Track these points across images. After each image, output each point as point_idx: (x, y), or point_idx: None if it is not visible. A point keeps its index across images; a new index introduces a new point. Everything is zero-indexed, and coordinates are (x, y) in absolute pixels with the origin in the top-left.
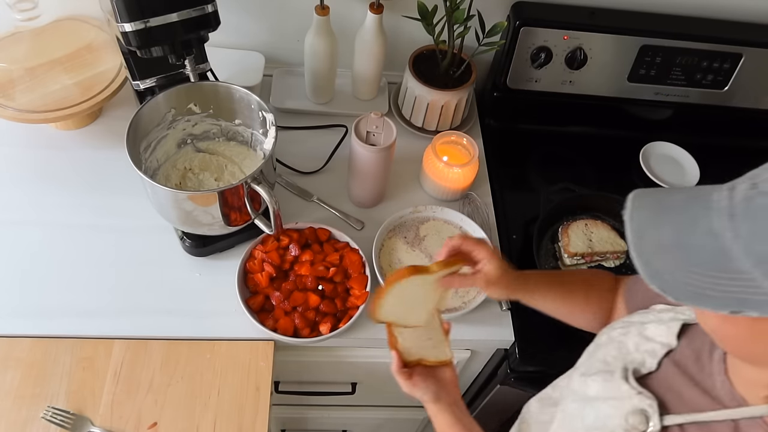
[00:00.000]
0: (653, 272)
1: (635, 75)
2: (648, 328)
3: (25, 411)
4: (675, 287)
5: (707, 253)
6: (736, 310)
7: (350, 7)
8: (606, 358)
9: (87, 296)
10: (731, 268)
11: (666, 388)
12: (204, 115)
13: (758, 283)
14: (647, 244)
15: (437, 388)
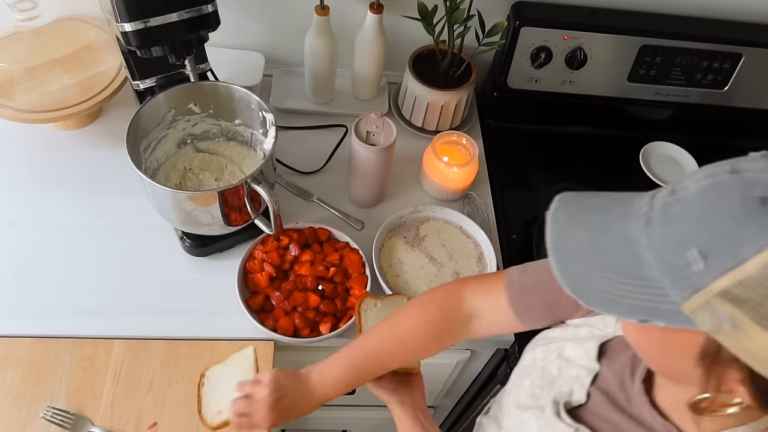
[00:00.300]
0: (568, 275)
1: (635, 75)
2: (566, 348)
3: (25, 411)
4: (588, 292)
5: (621, 259)
6: (645, 319)
7: (350, 7)
8: (533, 390)
9: (87, 296)
10: (642, 275)
11: (601, 420)
12: (204, 115)
13: (666, 292)
14: (565, 246)
15: (402, 394)
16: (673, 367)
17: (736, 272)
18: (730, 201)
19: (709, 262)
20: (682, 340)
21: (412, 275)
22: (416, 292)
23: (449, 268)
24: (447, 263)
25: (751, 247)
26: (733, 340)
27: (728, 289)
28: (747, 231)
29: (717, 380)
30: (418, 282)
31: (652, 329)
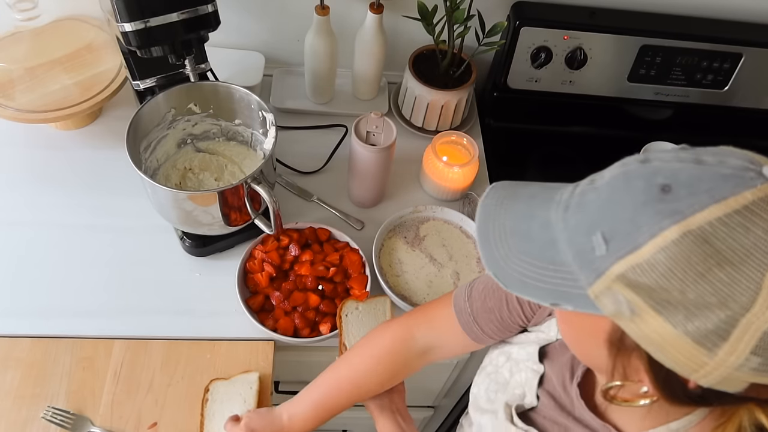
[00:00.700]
0: (491, 257)
1: (635, 75)
2: (513, 352)
3: (25, 411)
4: (507, 274)
5: (539, 243)
6: (555, 303)
7: (350, 7)
8: (489, 395)
9: (87, 296)
10: (556, 259)
11: (551, 422)
12: (204, 115)
13: (576, 277)
14: (490, 229)
15: (381, 397)
16: (590, 355)
17: (632, 257)
18: (634, 188)
19: (610, 246)
20: (592, 326)
21: (412, 275)
22: (416, 292)
23: (449, 268)
24: (447, 263)
25: (647, 232)
26: (632, 325)
27: (625, 274)
28: (645, 217)
29: (623, 368)
30: (418, 282)
31: (571, 316)
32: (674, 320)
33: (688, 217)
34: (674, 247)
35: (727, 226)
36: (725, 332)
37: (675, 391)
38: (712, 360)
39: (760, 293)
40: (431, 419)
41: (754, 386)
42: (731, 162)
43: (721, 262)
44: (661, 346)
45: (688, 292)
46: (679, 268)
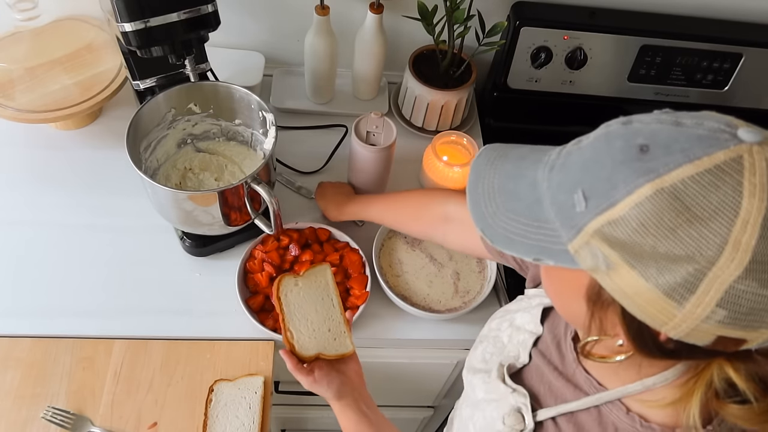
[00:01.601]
0: (479, 214)
1: (635, 75)
2: (516, 318)
3: (25, 411)
4: (494, 230)
5: (525, 201)
6: (538, 258)
7: (350, 7)
8: (485, 356)
9: (87, 296)
10: (541, 217)
11: (538, 381)
12: (204, 115)
13: (558, 233)
14: (480, 187)
15: (340, 384)
16: (571, 310)
17: (609, 213)
18: (614, 147)
19: (589, 203)
20: (572, 280)
21: (412, 275)
22: (416, 292)
23: (449, 268)
24: (447, 263)
25: (623, 190)
26: (609, 279)
27: (602, 229)
28: (622, 174)
29: (600, 321)
30: (418, 282)
31: (552, 272)
32: (646, 274)
33: (663, 175)
34: (648, 204)
35: (699, 184)
36: (693, 285)
37: (647, 344)
38: (680, 312)
39: (725, 248)
40: (431, 419)
41: (720, 339)
42: (708, 124)
43: (691, 218)
44: (634, 299)
45: (659, 247)
46: (651, 224)
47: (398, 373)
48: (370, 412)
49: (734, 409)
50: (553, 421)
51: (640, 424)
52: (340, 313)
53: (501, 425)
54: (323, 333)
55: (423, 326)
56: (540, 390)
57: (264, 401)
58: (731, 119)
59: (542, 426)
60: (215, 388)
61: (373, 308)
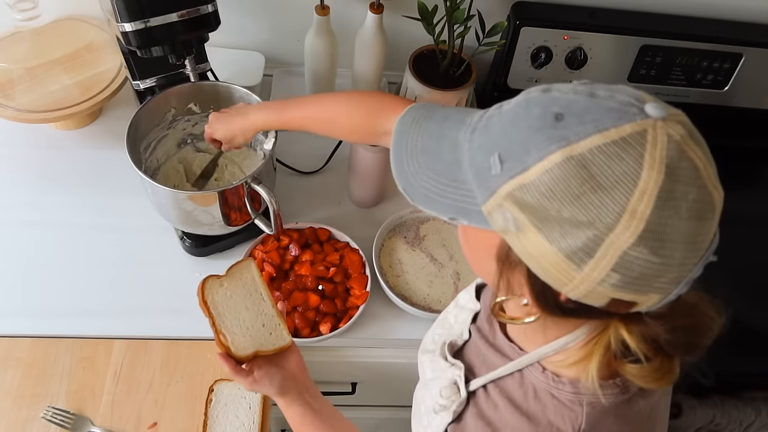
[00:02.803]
0: (401, 172)
1: (635, 75)
2: (460, 297)
3: (25, 411)
4: (414, 189)
5: (445, 161)
6: (454, 217)
7: (350, 7)
8: (434, 337)
9: (87, 296)
10: (459, 177)
11: (475, 354)
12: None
13: (474, 194)
14: (404, 145)
15: (281, 379)
16: (484, 269)
17: (521, 177)
18: (531, 114)
19: (504, 166)
20: (485, 240)
21: (412, 275)
22: (416, 292)
23: (450, 268)
24: (447, 263)
25: (536, 155)
26: (517, 240)
27: (513, 192)
28: (536, 140)
29: (508, 280)
30: (418, 283)
31: (468, 232)
32: (551, 237)
33: (573, 143)
34: (557, 170)
35: (605, 153)
36: (591, 250)
37: (549, 303)
38: (579, 275)
39: (622, 216)
40: None
41: (614, 301)
42: (619, 97)
43: (595, 186)
44: (538, 260)
45: (563, 212)
46: (559, 190)
47: (398, 373)
48: (315, 403)
49: (630, 368)
50: (483, 389)
51: (552, 380)
52: (271, 306)
53: (440, 399)
54: (258, 329)
55: (423, 326)
56: (476, 363)
57: (264, 401)
58: (642, 94)
59: (475, 395)
60: (215, 388)
61: (373, 308)
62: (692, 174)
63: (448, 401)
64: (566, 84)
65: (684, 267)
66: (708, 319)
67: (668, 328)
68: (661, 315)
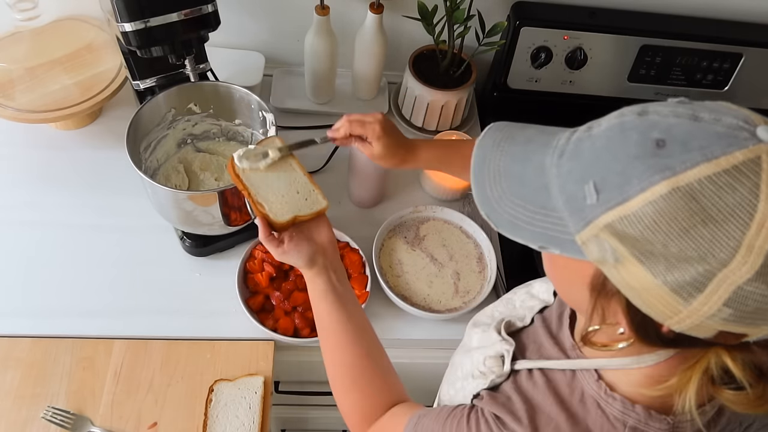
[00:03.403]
0: (484, 197)
1: (635, 75)
2: (534, 286)
3: (25, 411)
4: (499, 215)
5: (532, 187)
6: (544, 246)
7: (350, 7)
8: (494, 313)
9: (87, 296)
10: (548, 204)
11: (531, 340)
12: (204, 115)
13: (565, 222)
14: (486, 170)
15: (311, 251)
16: (573, 296)
17: (621, 208)
18: (629, 140)
19: (601, 196)
20: (577, 270)
21: (412, 276)
22: (417, 292)
23: (450, 268)
24: (448, 263)
25: (638, 186)
26: (615, 272)
27: (613, 224)
28: (637, 170)
29: (603, 311)
30: (418, 283)
31: (557, 259)
32: (655, 270)
33: (679, 173)
34: (662, 202)
35: (715, 184)
36: (701, 285)
37: (649, 334)
38: (686, 309)
39: (738, 251)
40: None
41: (722, 333)
42: (726, 120)
43: (705, 219)
44: (639, 293)
45: (670, 246)
46: (664, 222)
47: (398, 373)
48: (339, 286)
49: (729, 395)
50: (528, 372)
51: (605, 391)
52: (302, 174)
53: (482, 366)
54: (293, 196)
55: (423, 326)
56: (530, 346)
57: (264, 401)
58: (749, 115)
59: (518, 374)
60: (215, 388)
61: (373, 308)
62: None
63: (489, 371)
64: (663, 104)
65: None
66: None
67: None
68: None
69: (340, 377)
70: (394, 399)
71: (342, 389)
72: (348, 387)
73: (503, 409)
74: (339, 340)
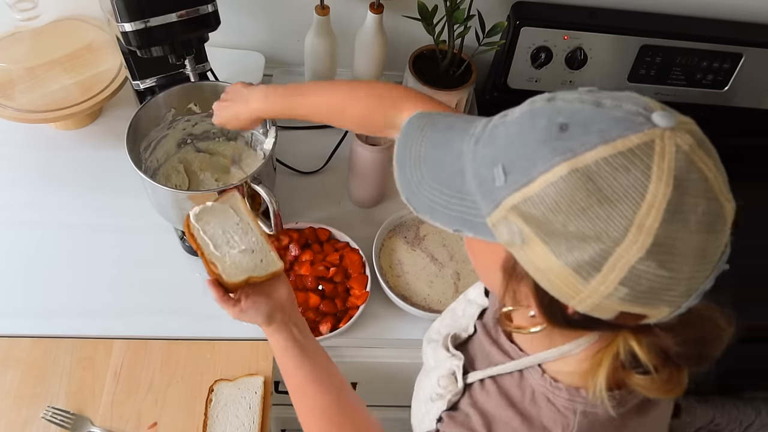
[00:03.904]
0: (405, 181)
1: (635, 75)
2: (469, 292)
3: (25, 411)
4: (418, 199)
5: (449, 172)
6: (458, 229)
7: (350, 7)
8: (440, 328)
9: (87, 296)
10: (463, 189)
11: (477, 348)
12: (204, 115)
13: (478, 206)
14: (407, 154)
15: (269, 309)
16: (491, 281)
17: (526, 189)
18: (537, 125)
19: (508, 178)
20: (491, 252)
21: (413, 276)
22: (417, 292)
23: (450, 268)
24: (448, 263)
25: (541, 167)
26: (522, 253)
27: (518, 205)
28: (541, 152)
29: (514, 292)
30: (419, 283)
31: (473, 242)
32: (557, 250)
33: (578, 155)
34: (562, 183)
35: (611, 166)
36: (599, 264)
37: (556, 316)
38: (586, 288)
39: (630, 230)
40: None
41: (622, 314)
42: (626, 106)
43: (601, 199)
44: (545, 274)
45: (569, 225)
46: (564, 203)
47: (398, 373)
48: (301, 338)
49: (638, 379)
50: (480, 383)
51: (549, 384)
52: (259, 234)
53: (438, 388)
54: (248, 256)
55: (423, 326)
56: (477, 357)
57: (264, 401)
58: (649, 101)
59: (471, 387)
60: (215, 388)
61: (373, 308)
62: (702, 186)
63: (445, 390)
64: (572, 92)
65: (694, 280)
66: (718, 330)
67: (678, 340)
68: (672, 326)
69: (316, 422)
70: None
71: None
72: (326, 428)
73: (463, 428)
74: (309, 388)
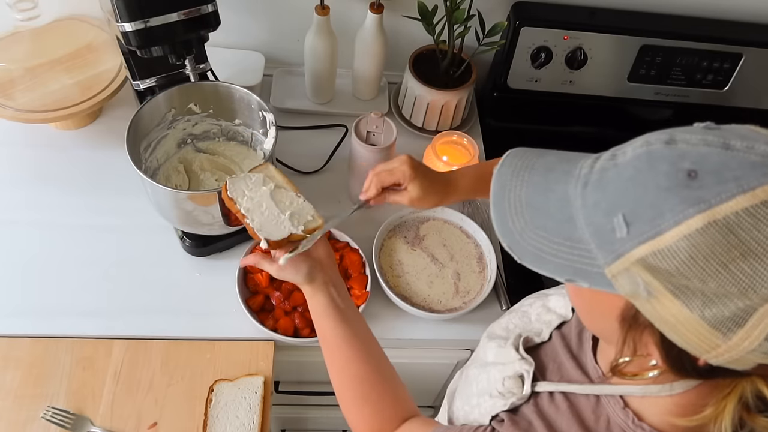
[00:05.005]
0: (505, 229)
1: (635, 75)
2: (551, 300)
3: (25, 411)
4: (522, 247)
5: (556, 219)
6: (571, 279)
7: (350, 7)
8: (508, 326)
9: (87, 296)
10: (574, 236)
11: (551, 358)
12: (204, 115)
13: (593, 255)
14: (506, 200)
15: (309, 267)
16: (601, 328)
17: (654, 242)
18: (658, 171)
19: (631, 229)
20: (606, 302)
21: (413, 276)
22: (417, 292)
23: (450, 268)
24: (448, 263)
25: (671, 219)
26: (648, 306)
27: (646, 258)
28: (669, 202)
29: (634, 343)
30: (419, 283)
31: (583, 290)
32: (691, 305)
33: (714, 206)
34: (698, 236)
35: (754, 217)
36: (742, 320)
37: (684, 367)
38: (725, 344)
39: None
40: None
41: (761, 365)
42: (760, 148)
43: (745, 253)
44: (675, 326)
45: (708, 281)
46: (701, 257)
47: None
48: (340, 300)
49: (764, 422)
50: (549, 395)
51: (632, 421)
52: (296, 195)
53: (500, 386)
54: (286, 215)
55: (423, 326)
56: (549, 366)
57: (264, 401)
58: None
59: (538, 396)
60: (215, 388)
61: (373, 308)
62: None
63: (508, 392)
64: (691, 132)
65: None
66: None
67: None
68: None
69: (350, 392)
70: (405, 413)
71: (352, 404)
72: (359, 402)
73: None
74: (346, 355)
